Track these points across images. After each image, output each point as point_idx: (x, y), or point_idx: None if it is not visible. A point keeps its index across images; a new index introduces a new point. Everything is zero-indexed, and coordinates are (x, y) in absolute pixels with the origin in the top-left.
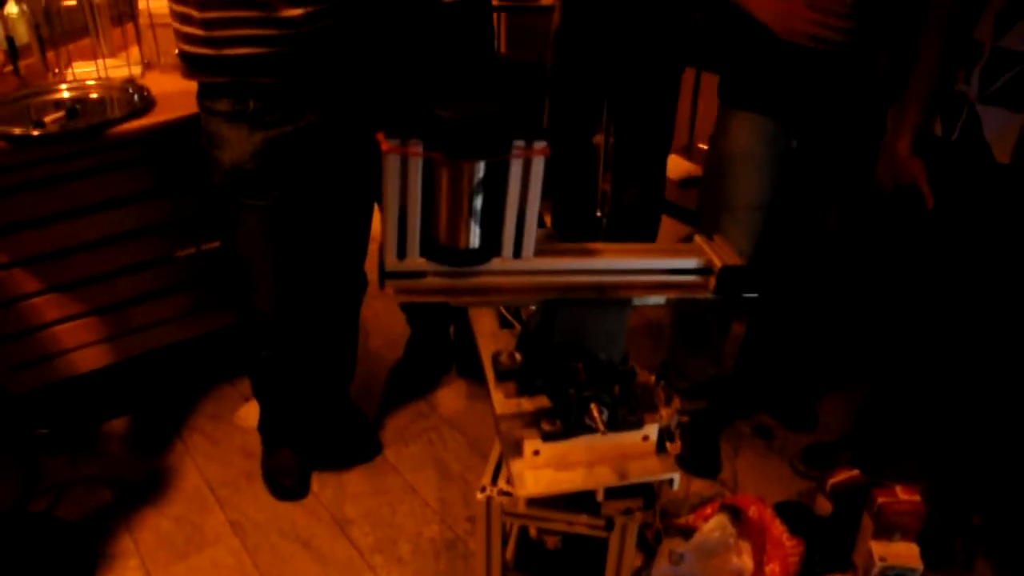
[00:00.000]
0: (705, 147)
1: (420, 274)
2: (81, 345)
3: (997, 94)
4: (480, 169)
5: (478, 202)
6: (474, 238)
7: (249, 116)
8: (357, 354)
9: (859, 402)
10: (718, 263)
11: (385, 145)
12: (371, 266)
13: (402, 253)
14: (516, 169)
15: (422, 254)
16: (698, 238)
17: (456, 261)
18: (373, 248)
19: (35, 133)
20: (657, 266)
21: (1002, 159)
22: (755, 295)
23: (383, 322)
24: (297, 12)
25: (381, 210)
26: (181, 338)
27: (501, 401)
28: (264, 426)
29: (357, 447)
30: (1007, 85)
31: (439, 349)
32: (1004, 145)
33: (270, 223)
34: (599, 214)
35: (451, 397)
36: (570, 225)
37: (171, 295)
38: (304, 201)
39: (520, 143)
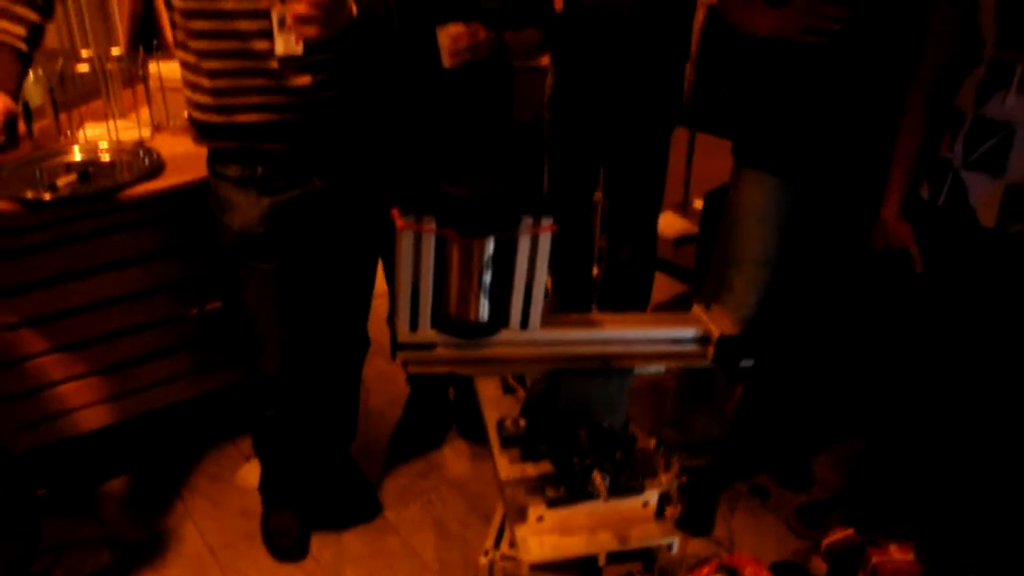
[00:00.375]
0: (700, 206)
1: (431, 345)
2: (84, 405)
3: (979, 160)
4: (490, 245)
5: (487, 276)
6: (483, 311)
7: (257, 181)
8: (358, 413)
9: (854, 460)
10: (716, 332)
11: (400, 222)
12: (373, 326)
13: (414, 325)
14: (524, 245)
15: (433, 326)
16: (697, 307)
17: (466, 333)
18: (375, 307)
19: (48, 197)
20: (657, 336)
21: (986, 223)
22: (751, 363)
23: (383, 381)
24: (305, 80)
25: (386, 275)
26: (183, 397)
27: (506, 466)
28: (265, 486)
29: (357, 507)
30: (989, 152)
31: (439, 409)
32: (988, 209)
33: (276, 285)
34: (596, 271)
35: (450, 458)
36: (568, 284)
37: (174, 355)
38: (310, 263)
39: (529, 220)
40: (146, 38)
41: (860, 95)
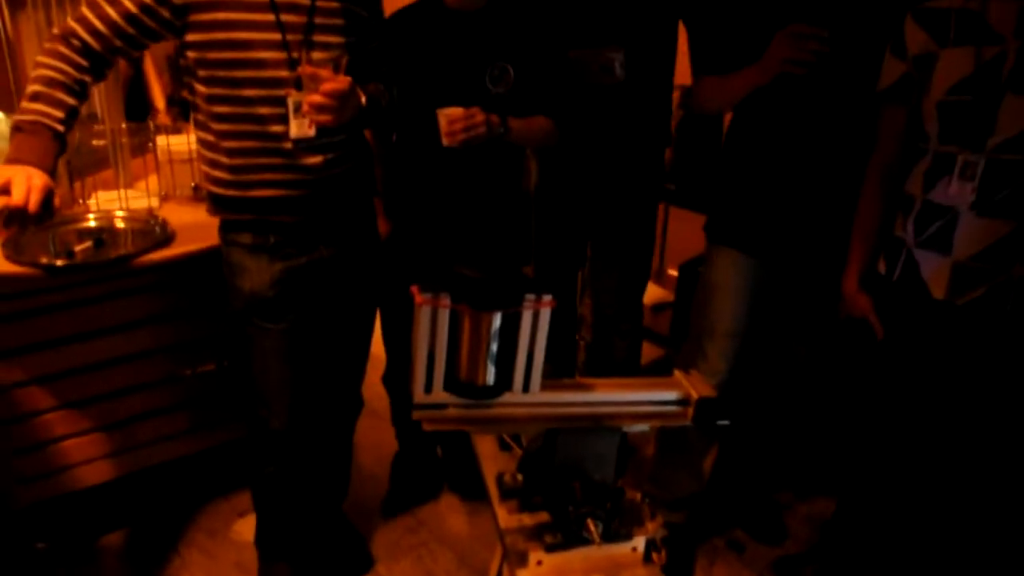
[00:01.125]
0: (675, 273)
1: (444, 406)
2: (86, 460)
3: (929, 240)
4: (497, 319)
5: (494, 346)
6: (490, 376)
7: (269, 248)
8: (350, 470)
9: (827, 514)
10: (695, 395)
11: (419, 299)
12: (368, 386)
13: (429, 388)
14: (527, 319)
15: (445, 389)
16: (677, 372)
17: (475, 395)
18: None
19: (62, 263)
20: (643, 398)
21: (937, 295)
22: (727, 423)
23: (373, 441)
24: (316, 160)
25: (384, 339)
26: (182, 454)
27: (505, 516)
28: (261, 540)
29: (349, 561)
30: (936, 233)
31: (428, 467)
32: (938, 284)
33: (284, 345)
34: (577, 337)
35: (440, 513)
36: (553, 350)
37: (175, 412)
38: (315, 326)
39: (531, 297)
40: (134, 103)
41: (823, 180)
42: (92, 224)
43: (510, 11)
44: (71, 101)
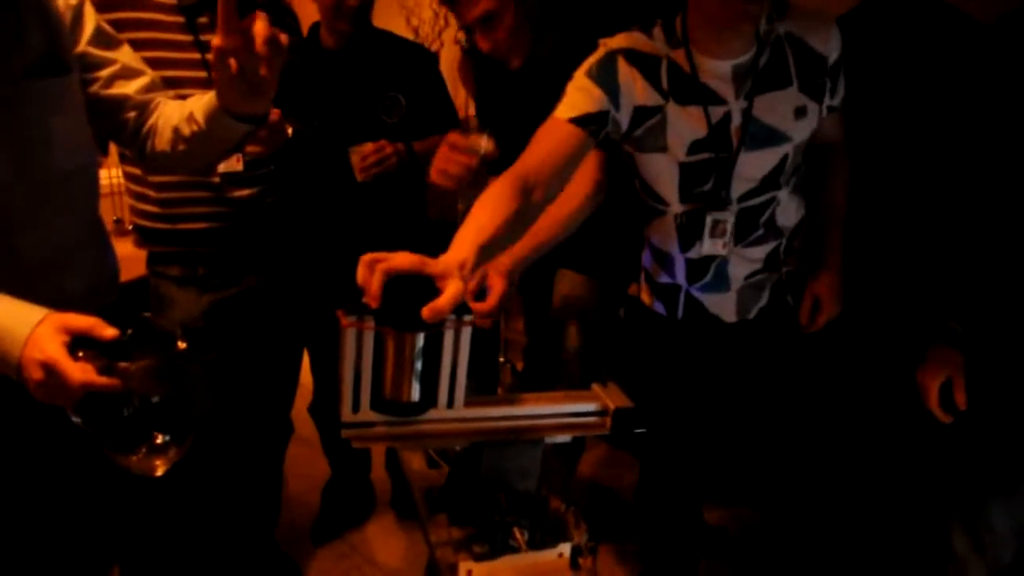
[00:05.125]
0: None
1: (371, 424)
2: None
3: (705, 287)
4: (420, 339)
5: (418, 364)
6: (415, 393)
7: (198, 280)
8: (281, 498)
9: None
10: (611, 406)
11: (344, 321)
12: (296, 413)
13: (356, 407)
14: (449, 338)
15: (372, 408)
16: (595, 386)
17: (401, 412)
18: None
19: None
20: (563, 410)
21: (729, 320)
22: (644, 431)
23: (302, 467)
24: (244, 193)
25: (312, 367)
26: None
27: (435, 531)
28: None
29: None
30: (711, 281)
31: (359, 491)
32: (728, 312)
33: (212, 375)
34: (502, 359)
35: (371, 537)
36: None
37: None
38: (243, 355)
39: (452, 317)
40: None
41: None
42: None
43: (387, 42)
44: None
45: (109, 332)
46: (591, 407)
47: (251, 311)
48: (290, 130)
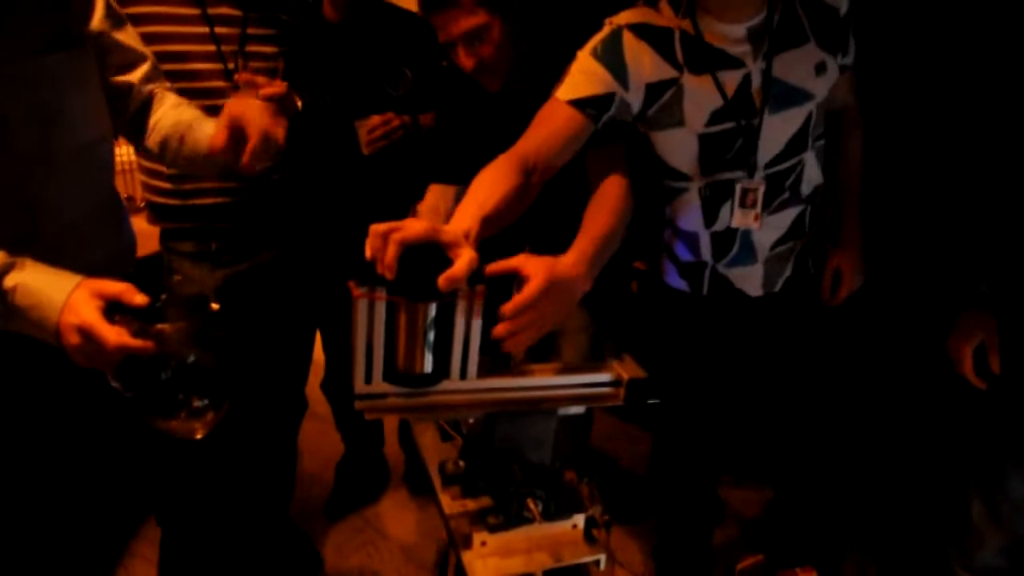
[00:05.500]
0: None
1: (383, 395)
2: None
3: (733, 261)
4: (432, 309)
5: (431, 335)
6: (427, 365)
7: (212, 256)
8: (296, 474)
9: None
10: (626, 377)
11: (356, 292)
12: (310, 390)
13: (368, 379)
14: (461, 308)
15: (385, 379)
16: (608, 357)
17: (413, 384)
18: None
19: None
20: (576, 381)
21: (755, 295)
22: (657, 401)
23: (316, 443)
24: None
25: (324, 344)
26: None
27: (449, 503)
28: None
29: (298, 563)
30: (738, 254)
31: (373, 467)
32: (754, 286)
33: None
34: None
35: (385, 512)
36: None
37: None
38: (258, 330)
39: (465, 287)
40: None
41: None
42: None
43: (391, 14)
44: None
45: (140, 298)
46: (604, 377)
47: (264, 286)
48: (300, 103)
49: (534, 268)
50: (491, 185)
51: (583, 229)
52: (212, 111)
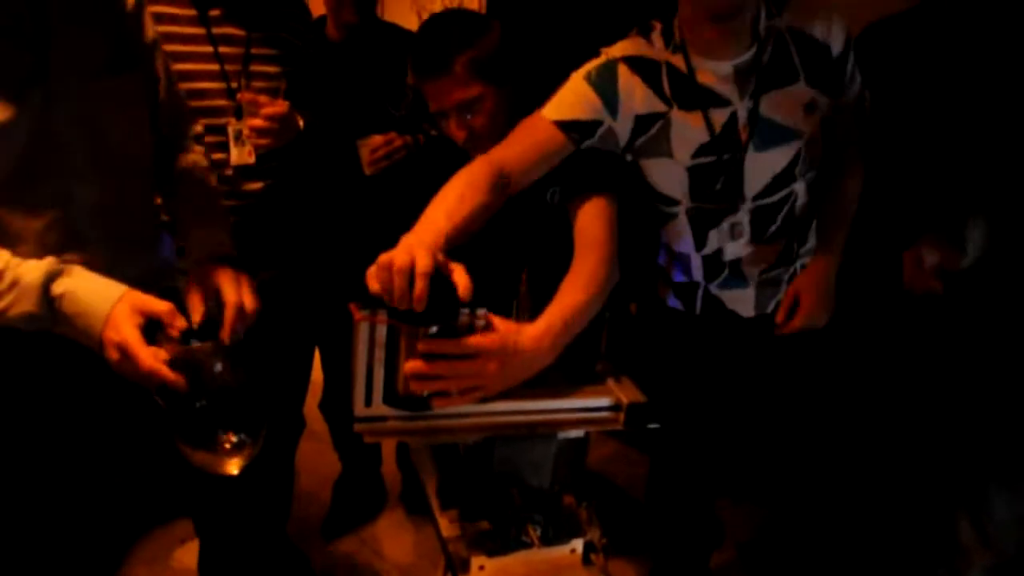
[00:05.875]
0: None
1: (383, 418)
2: None
3: (724, 283)
4: (433, 332)
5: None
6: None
7: None
8: (293, 493)
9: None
10: (625, 401)
11: (357, 315)
12: (307, 410)
13: (368, 402)
14: (461, 331)
15: (384, 402)
16: (608, 380)
17: (413, 407)
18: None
19: None
20: (576, 405)
21: (747, 315)
22: (658, 426)
23: (313, 462)
24: (257, 186)
25: (323, 364)
26: None
27: (447, 526)
28: (204, 565)
29: None
30: (729, 276)
31: (370, 487)
32: (746, 307)
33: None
34: None
35: (382, 532)
36: None
37: None
38: (257, 348)
39: (465, 311)
40: None
41: None
42: None
43: (393, 35)
44: None
45: (181, 321)
46: (604, 402)
47: (265, 305)
48: (301, 122)
49: (497, 327)
50: (461, 196)
51: (557, 297)
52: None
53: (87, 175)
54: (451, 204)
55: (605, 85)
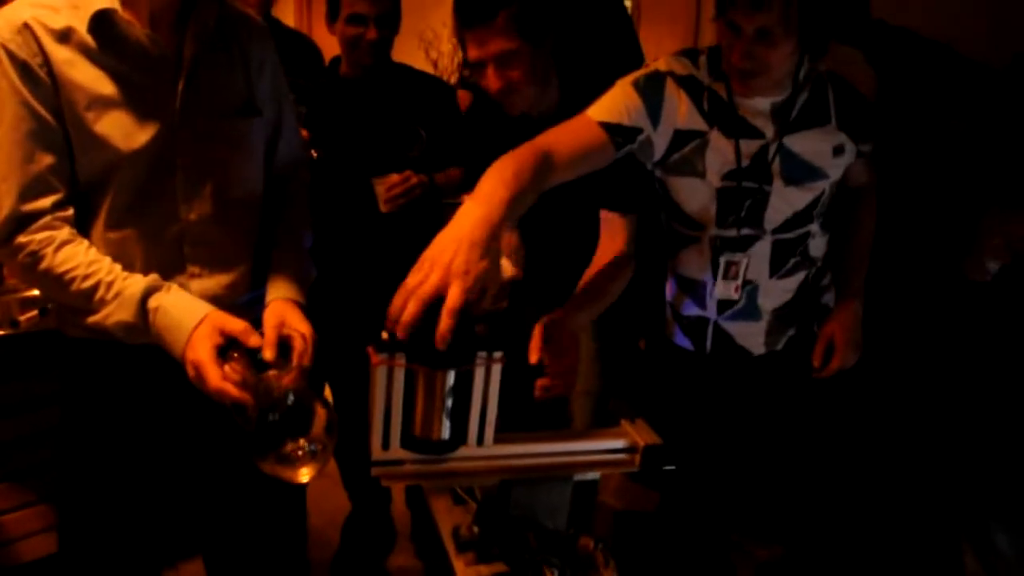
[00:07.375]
0: None
1: (400, 462)
2: (27, 534)
3: (736, 315)
4: (451, 377)
5: (449, 402)
6: (445, 431)
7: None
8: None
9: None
10: (641, 443)
11: (375, 359)
12: None
13: (386, 445)
14: (479, 375)
15: (402, 445)
16: (623, 422)
17: (431, 451)
18: None
19: (4, 332)
20: (591, 447)
21: (758, 352)
22: (673, 468)
23: (323, 501)
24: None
25: (334, 397)
26: None
27: (463, 568)
28: None
29: None
30: (742, 308)
31: (380, 526)
32: (756, 344)
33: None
34: None
35: (391, 571)
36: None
37: None
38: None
39: (483, 354)
40: None
41: None
42: (36, 293)
43: (406, 76)
44: None
45: (255, 339)
46: (620, 444)
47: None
48: (315, 154)
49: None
50: (517, 171)
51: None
52: None
53: (200, 205)
54: (508, 176)
55: (651, 94)
